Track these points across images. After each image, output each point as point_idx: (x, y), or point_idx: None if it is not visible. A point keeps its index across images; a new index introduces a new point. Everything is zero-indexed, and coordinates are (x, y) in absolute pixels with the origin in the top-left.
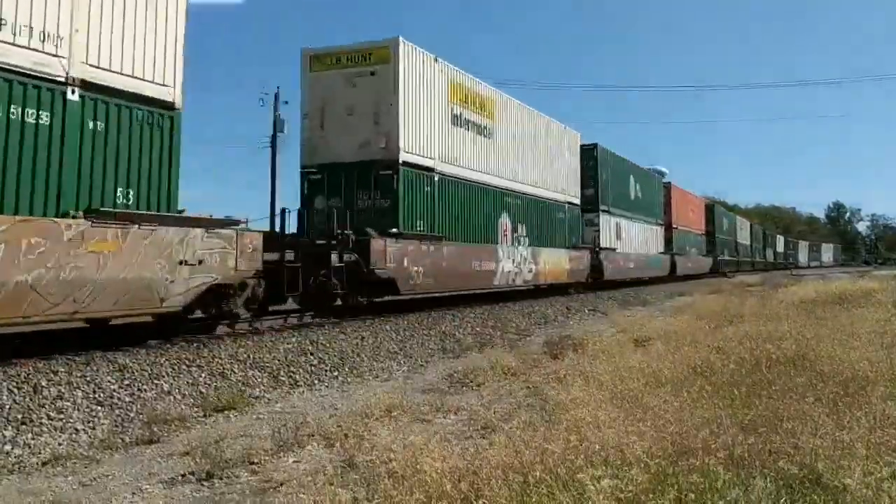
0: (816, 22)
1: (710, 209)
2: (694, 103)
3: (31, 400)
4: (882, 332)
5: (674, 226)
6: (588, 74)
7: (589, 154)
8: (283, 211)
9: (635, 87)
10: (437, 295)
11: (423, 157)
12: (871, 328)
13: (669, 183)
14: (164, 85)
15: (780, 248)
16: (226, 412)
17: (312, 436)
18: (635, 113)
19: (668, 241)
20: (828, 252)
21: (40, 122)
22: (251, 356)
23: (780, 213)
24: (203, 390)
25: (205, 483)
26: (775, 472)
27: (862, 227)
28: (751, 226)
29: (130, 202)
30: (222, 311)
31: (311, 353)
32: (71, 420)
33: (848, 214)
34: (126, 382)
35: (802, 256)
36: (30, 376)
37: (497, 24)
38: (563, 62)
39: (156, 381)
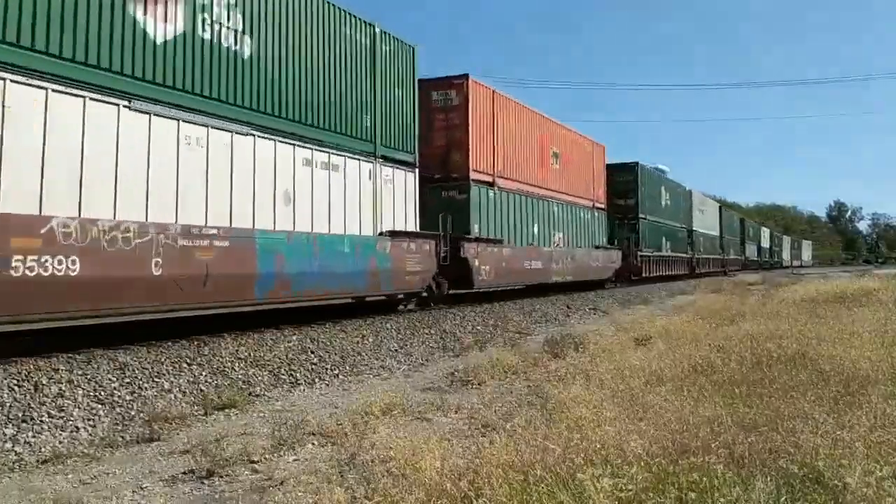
0: (821, 21)
1: (630, 170)
2: (696, 102)
3: (31, 398)
4: (883, 331)
5: (474, 176)
6: (590, 73)
7: None
8: None
9: (639, 86)
10: None
11: None
12: (872, 327)
13: (464, 77)
14: None
15: (766, 242)
16: (226, 410)
17: (312, 434)
18: (638, 112)
19: (433, 211)
20: (807, 250)
21: None
22: (252, 354)
23: (781, 211)
24: (204, 388)
25: (205, 481)
26: (776, 471)
27: (863, 226)
28: (720, 209)
29: None
30: None
31: (312, 352)
32: (72, 418)
33: (849, 213)
34: (127, 381)
35: (786, 254)
36: (30, 374)
37: (498, 21)
38: (565, 61)
39: (156, 380)
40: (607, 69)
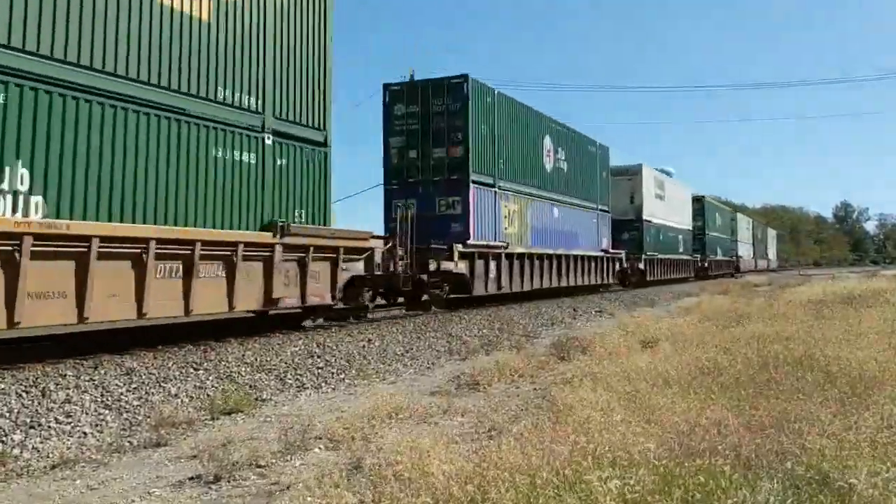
0: (825, 21)
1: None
2: (701, 104)
3: (39, 404)
4: (890, 331)
5: None
6: (593, 75)
7: None
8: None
9: (643, 88)
10: None
11: None
12: (880, 328)
13: None
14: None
15: (718, 228)
16: (233, 415)
17: (319, 438)
18: (642, 114)
19: None
20: (772, 242)
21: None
22: (258, 359)
23: (787, 212)
24: (210, 393)
25: (212, 486)
26: (782, 473)
27: (870, 226)
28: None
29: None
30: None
31: (318, 356)
32: (79, 424)
33: (856, 214)
34: (134, 386)
35: (745, 250)
36: (38, 380)
37: (499, 23)
38: (567, 62)
39: (163, 385)
40: (613, 69)
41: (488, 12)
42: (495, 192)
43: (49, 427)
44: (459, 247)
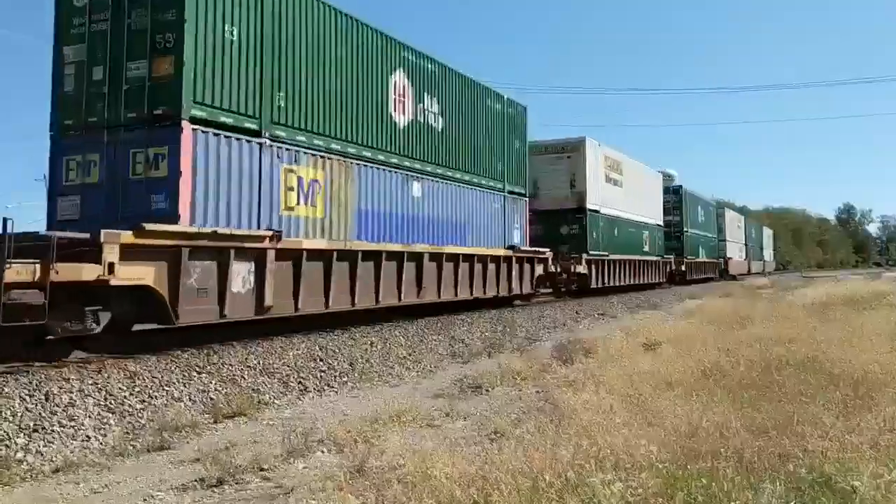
0: (827, 22)
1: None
2: (704, 106)
3: (42, 408)
4: (893, 333)
5: None
6: (596, 77)
7: None
8: None
9: (644, 91)
10: None
11: None
12: (882, 330)
13: None
14: None
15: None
16: (236, 418)
17: (322, 441)
18: (644, 116)
19: None
20: (768, 243)
21: None
22: (261, 362)
23: (790, 214)
24: (213, 397)
25: (215, 489)
26: (785, 476)
27: (873, 228)
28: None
29: None
30: None
31: (321, 359)
32: (82, 427)
33: (859, 216)
34: (137, 389)
35: (735, 250)
36: (41, 384)
37: (500, 25)
38: (569, 64)
39: (166, 388)
40: (615, 71)
41: (493, 15)
42: (262, 144)
43: (53, 431)
44: (128, 235)
